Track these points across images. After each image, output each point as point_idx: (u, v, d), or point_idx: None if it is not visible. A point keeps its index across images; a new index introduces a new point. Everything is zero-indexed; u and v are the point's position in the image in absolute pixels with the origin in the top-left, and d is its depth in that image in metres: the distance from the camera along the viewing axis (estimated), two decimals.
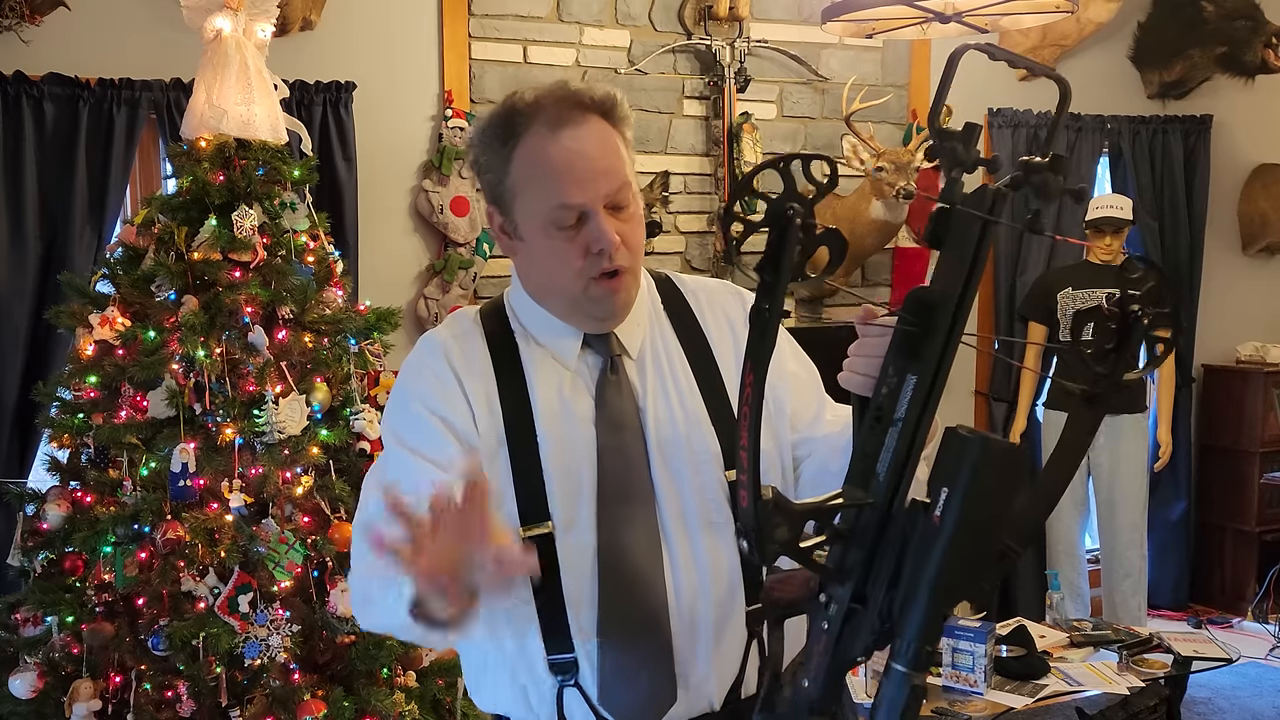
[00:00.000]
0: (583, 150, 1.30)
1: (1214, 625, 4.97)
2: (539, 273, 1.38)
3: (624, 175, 1.33)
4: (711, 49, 4.23)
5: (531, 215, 1.33)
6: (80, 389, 2.86)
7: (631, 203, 1.34)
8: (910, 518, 0.93)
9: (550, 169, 1.30)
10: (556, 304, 1.38)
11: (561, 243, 1.31)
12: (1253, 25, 4.87)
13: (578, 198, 1.29)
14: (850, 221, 4.26)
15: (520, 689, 1.34)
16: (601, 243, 1.30)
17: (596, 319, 1.37)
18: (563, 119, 1.31)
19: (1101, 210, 4.47)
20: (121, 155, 3.46)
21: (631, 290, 1.37)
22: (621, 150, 1.35)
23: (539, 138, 1.31)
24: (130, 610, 2.76)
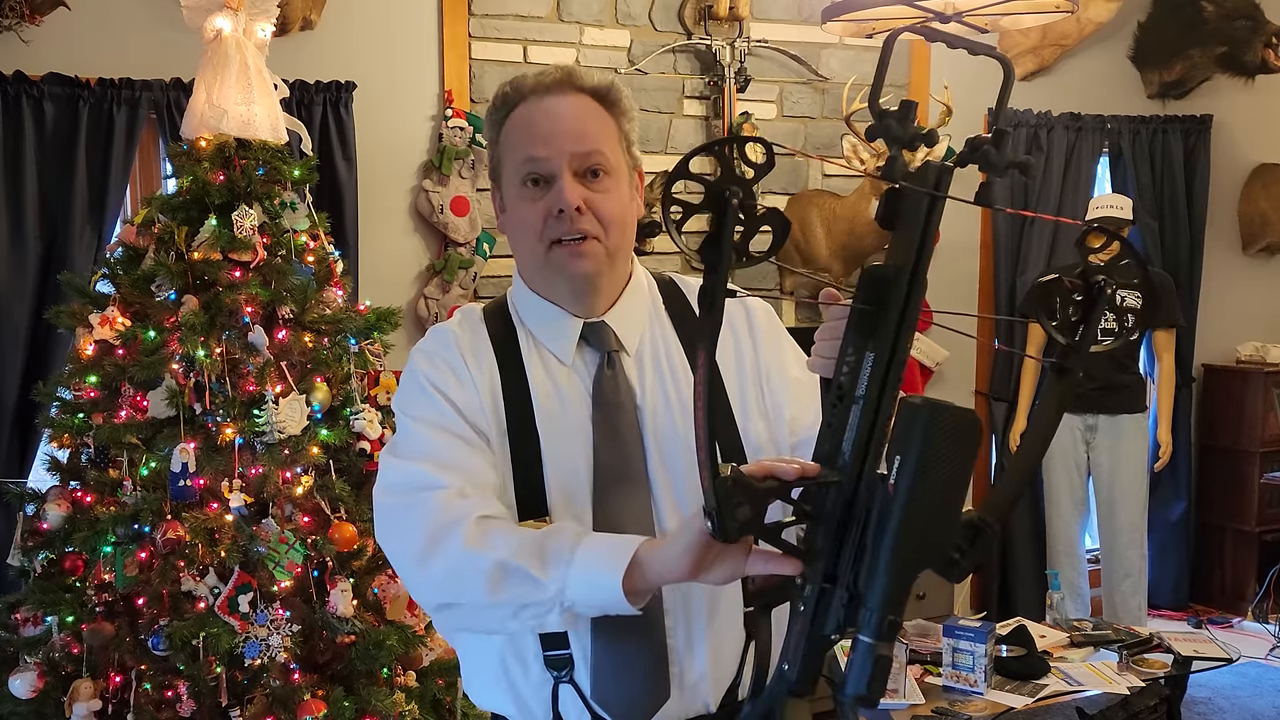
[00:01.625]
0: (558, 112, 1.34)
1: (1214, 625, 4.98)
2: (515, 241, 1.40)
3: (597, 143, 1.34)
4: (711, 49, 4.23)
5: (509, 179, 1.37)
6: (80, 389, 2.86)
7: (609, 175, 1.35)
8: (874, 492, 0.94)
9: (526, 128, 1.35)
10: (532, 275, 1.40)
11: (528, 203, 1.34)
12: (1253, 25, 4.87)
13: (542, 151, 1.32)
14: (850, 221, 4.27)
15: (515, 686, 1.35)
16: (559, 202, 1.31)
17: (567, 289, 1.37)
18: (551, 90, 1.36)
19: (1101, 210, 4.47)
20: (121, 155, 3.46)
21: (601, 262, 1.36)
22: (605, 124, 1.37)
23: (526, 106, 1.36)
24: (130, 610, 2.76)
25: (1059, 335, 1.04)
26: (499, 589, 1.20)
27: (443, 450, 1.32)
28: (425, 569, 1.26)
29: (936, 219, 0.97)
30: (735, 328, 1.44)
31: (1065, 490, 4.58)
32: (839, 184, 4.54)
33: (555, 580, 1.17)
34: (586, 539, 1.20)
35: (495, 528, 1.24)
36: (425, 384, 1.37)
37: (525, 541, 1.21)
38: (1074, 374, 1.04)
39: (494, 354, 1.39)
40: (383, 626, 2.82)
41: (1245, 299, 5.41)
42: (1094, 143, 5.02)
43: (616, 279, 1.41)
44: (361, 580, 2.87)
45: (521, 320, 1.42)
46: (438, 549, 1.24)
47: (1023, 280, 4.87)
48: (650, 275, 1.49)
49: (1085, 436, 4.55)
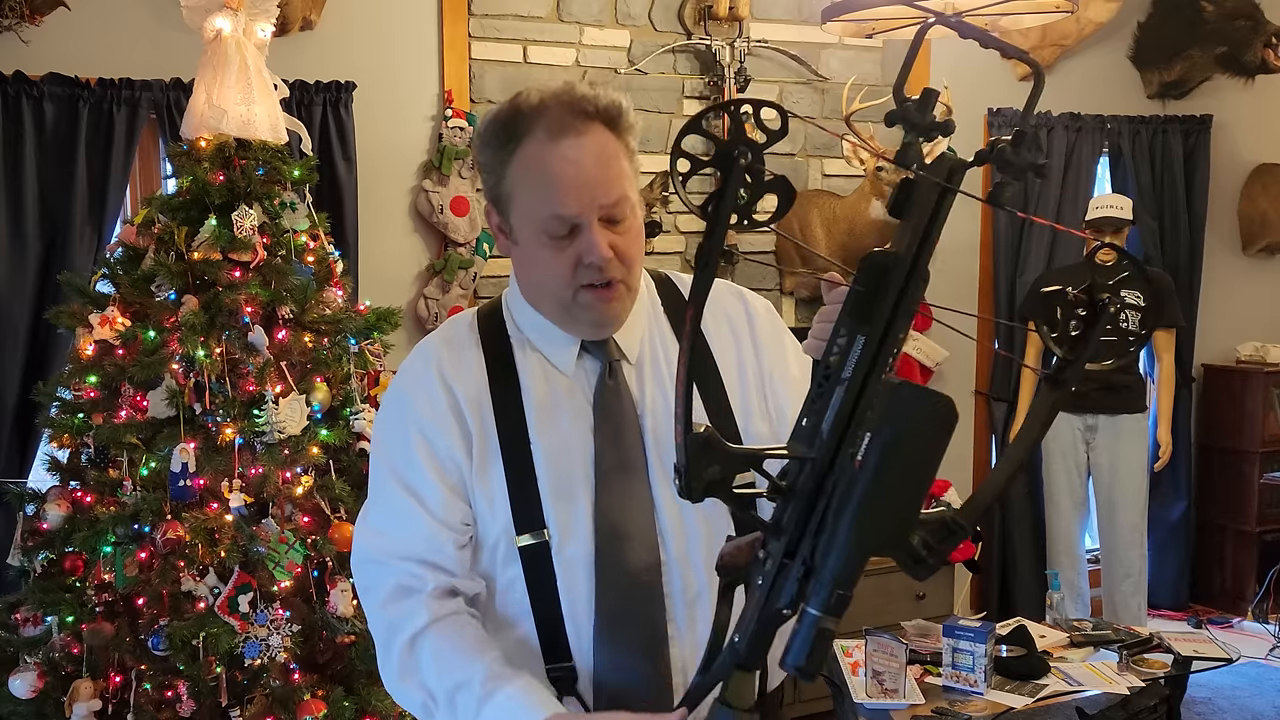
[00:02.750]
0: (580, 161, 1.28)
1: (1214, 625, 4.98)
2: (531, 277, 1.37)
3: (622, 189, 1.31)
4: (711, 49, 4.23)
5: (526, 220, 1.32)
6: (80, 389, 2.86)
7: (629, 216, 1.32)
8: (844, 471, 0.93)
9: (546, 178, 1.28)
10: (549, 309, 1.37)
11: (553, 252, 1.30)
12: (1253, 25, 4.87)
13: (572, 209, 1.28)
14: (850, 221, 4.27)
15: None
16: (592, 256, 1.28)
17: (589, 326, 1.35)
18: (564, 127, 1.29)
19: (1101, 210, 4.47)
20: (121, 155, 3.46)
21: (625, 301, 1.35)
22: (622, 162, 1.33)
23: (538, 144, 1.29)
24: (130, 610, 2.76)
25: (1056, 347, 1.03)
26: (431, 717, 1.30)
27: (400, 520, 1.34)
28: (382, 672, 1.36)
29: (944, 212, 0.97)
30: (737, 330, 1.43)
31: (1065, 490, 4.58)
32: (839, 184, 4.54)
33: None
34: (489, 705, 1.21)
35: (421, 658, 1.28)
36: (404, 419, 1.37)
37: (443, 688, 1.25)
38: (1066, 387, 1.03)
39: (485, 365, 1.37)
40: None
41: (1245, 299, 5.41)
42: (1094, 143, 5.02)
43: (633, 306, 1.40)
44: None
45: (519, 329, 1.40)
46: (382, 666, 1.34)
47: (1022, 280, 4.87)
48: (647, 274, 1.47)
49: (1085, 436, 4.55)
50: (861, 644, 2.96)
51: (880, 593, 4.01)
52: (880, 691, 2.86)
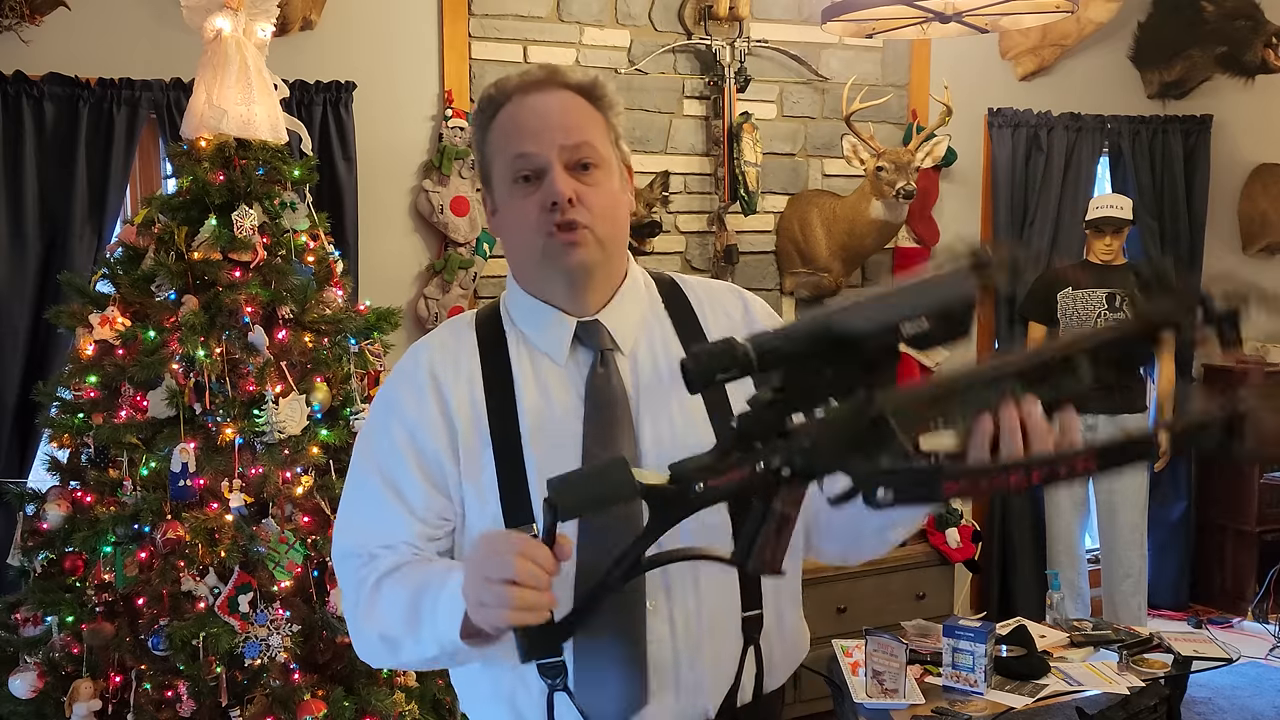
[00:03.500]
0: (544, 108, 1.35)
1: (1214, 625, 4.98)
2: (509, 240, 1.40)
3: (585, 134, 1.35)
4: (711, 49, 4.23)
5: (500, 178, 1.37)
6: (80, 389, 2.86)
7: (599, 167, 1.35)
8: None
9: (514, 126, 1.36)
10: (529, 274, 1.40)
11: (520, 199, 1.34)
12: (1253, 25, 4.87)
13: (532, 147, 1.33)
14: (850, 221, 4.26)
15: (509, 695, 1.34)
16: (552, 194, 1.31)
17: (562, 279, 1.36)
18: (535, 88, 1.37)
19: (1101, 210, 4.47)
20: (121, 155, 3.46)
21: (594, 251, 1.35)
22: (593, 118, 1.37)
23: (512, 105, 1.37)
24: (130, 610, 2.76)
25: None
26: (397, 654, 1.33)
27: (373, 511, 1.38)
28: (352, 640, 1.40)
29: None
30: (734, 323, 1.44)
31: (1065, 490, 4.58)
32: (839, 184, 4.54)
33: (433, 644, 1.26)
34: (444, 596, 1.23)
35: (380, 594, 1.31)
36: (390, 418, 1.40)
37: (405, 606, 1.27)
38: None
39: (480, 363, 1.38)
40: None
41: None
42: (1094, 143, 5.02)
43: (611, 274, 1.40)
44: None
45: (514, 323, 1.41)
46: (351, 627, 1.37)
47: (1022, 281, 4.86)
48: (648, 274, 1.47)
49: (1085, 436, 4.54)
50: (861, 644, 2.96)
51: (880, 593, 4.01)
52: (880, 691, 2.86)
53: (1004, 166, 4.85)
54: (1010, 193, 4.87)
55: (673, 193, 4.17)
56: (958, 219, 4.88)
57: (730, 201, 4.18)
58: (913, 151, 4.11)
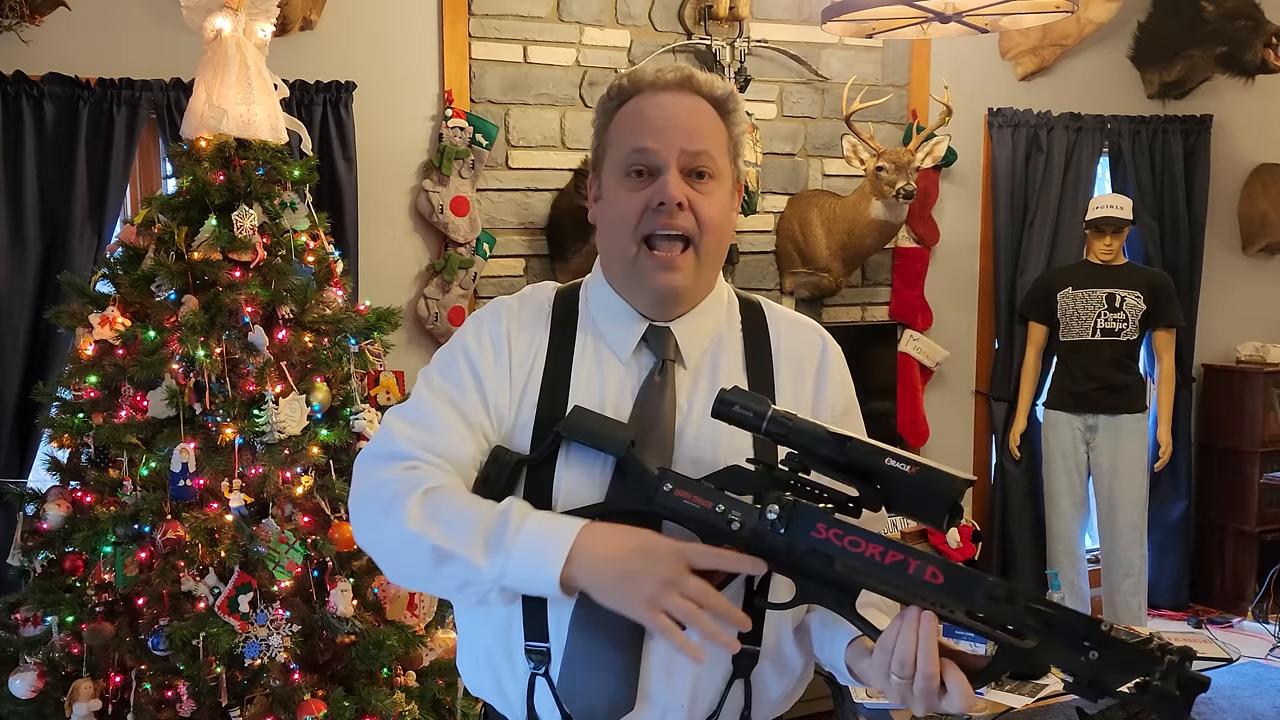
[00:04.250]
0: (672, 108, 1.35)
1: (1214, 625, 4.98)
2: (605, 231, 1.39)
3: (707, 144, 1.34)
4: (711, 49, 4.23)
5: (612, 167, 1.37)
6: (80, 389, 2.86)
7: (715, 178, 1.35)
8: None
9: (638, 119, 1.35)
10: (615, 272, 1.39)
11: (627, 192, 1.34)
12: (1253, 25, 4.87)
13: (652, 143, 1.33)
14: (850, 221, 4.26)
15: (497, 672, 1.34)
16: (662, 195, 1.31)
17: (650, 295, 1.36)
18: (669, 87, 1.36)
19: (1101, 210, 4.48)
20: (121, 155, 3.46)
21: (689, 274, 1.35)
22: (718, 129, 1.37)
23: (641, 98, 1.37)
24: (130, 610, 2.76)
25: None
26: (439, 570, 1.24)
27: (433, 421, 1.34)
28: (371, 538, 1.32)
29: None
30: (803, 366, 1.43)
31: (1065, 490, 4.58)
32: (839, 184, 4.54)
33: (494, 568, 1.21)
34: (526, 524, 1.21)
35: (439, 504, 1.25)
36: (459, 350, 1.39)
37: (466, 524, 1.23)
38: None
39: (548, 336, 1.39)
40: (383, 626, 2.82)
41: (1245, 299, 5.41)
42: (1094, 143, 5.02)
43: (700, 290, 1.40)
44: (361, 580, 2.87)
45: (589, 310, 1.41)
46: (382, 522, 1.28)
47: (1023, 280, 4.87)
48: (734, 292, 1.47)
49: (1085, 436, 4.55)
50: None
51: None
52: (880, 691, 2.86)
53: (1004, 166, 4.85)
54: (1010, 193, 4.87)
55: None
56: (958, 219, 4.88)
57: None
58: (913, 151, 4.11)
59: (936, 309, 4.77)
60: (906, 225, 4.57)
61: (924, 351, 4.74)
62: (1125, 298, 4.45)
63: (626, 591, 1.17)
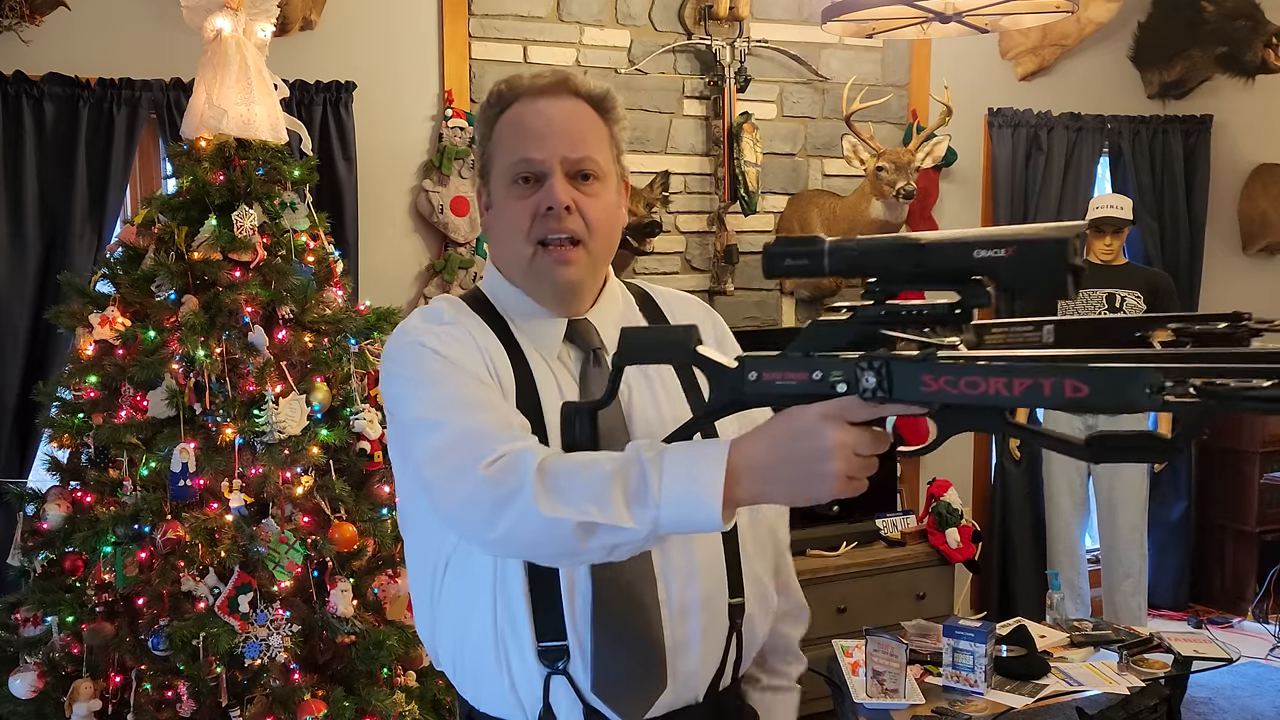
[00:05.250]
0: (552, 115, 1.36)
1: (1214, 625, 4.98)
2: (499, 239, 1.41)
3: (589, 147, 1.36)
4: (711, 49, 4.23)
5: (499, 176, 1.38)
6: (80, 389, 2.86)
7: (598, 181, 1.37)
8: None
9: (519, 128, 1.37)
10: (515, 275, 1.40)
11: (516, 201, 1.35)
12: (1253, 25, 4.87)
13: (536, 153, 1.34)
14: (850, 221, 4.26)
15: (506, 677, 1.33)
16: (550, 200, 1.33)
17: (551, 292, 1.38)
18: (546, 92, 1.37)
19: (1101, 210, 4.47)
20: (121, 155, 3.46)
21: (584, 268, 1.37)
22: (599, 130, 1.39)
23: (520, 105, 1.38)
24: (130, 610, 2.76)
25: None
26: (587, 544, 1.15)
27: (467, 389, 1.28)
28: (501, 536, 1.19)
29: None
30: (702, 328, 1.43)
31: (1065, 490, 4.58)
32: (839, 184, 4.54)
33: (645, 523, 1.12)
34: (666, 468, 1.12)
35: (559, 478, 1.16)
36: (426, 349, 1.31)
37: (599, 489, 1.13)
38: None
39: (495, 334, 1.38)
40: (383, 626, 2.83)
41: (1245, 299, 5.40)
42: (1094, 143, 5.02)
43: (596, 284, 1.43)
44: (361, 580, 2.87)
45: (505, 312, 1.41)
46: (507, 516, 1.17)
47: None
48: (623, 283, 1.51)
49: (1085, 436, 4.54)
50: (861, 644, 2.96)
51: (880, 593, 4.01)
52: (880, 691, 2.86)
53: (1004, 166, 4.85)
54: (1010, 193, 4.87)
55: (673, 193, 4.17)
56: (958, 219, 4.88)
57: (730, 201, 4.18)
58: (913, 151, 4.11)
59: None
60: (906, 225, 4.56)
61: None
62: (1125, 298, 4.44)
63: (805, 479, 1.08)
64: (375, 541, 2.89)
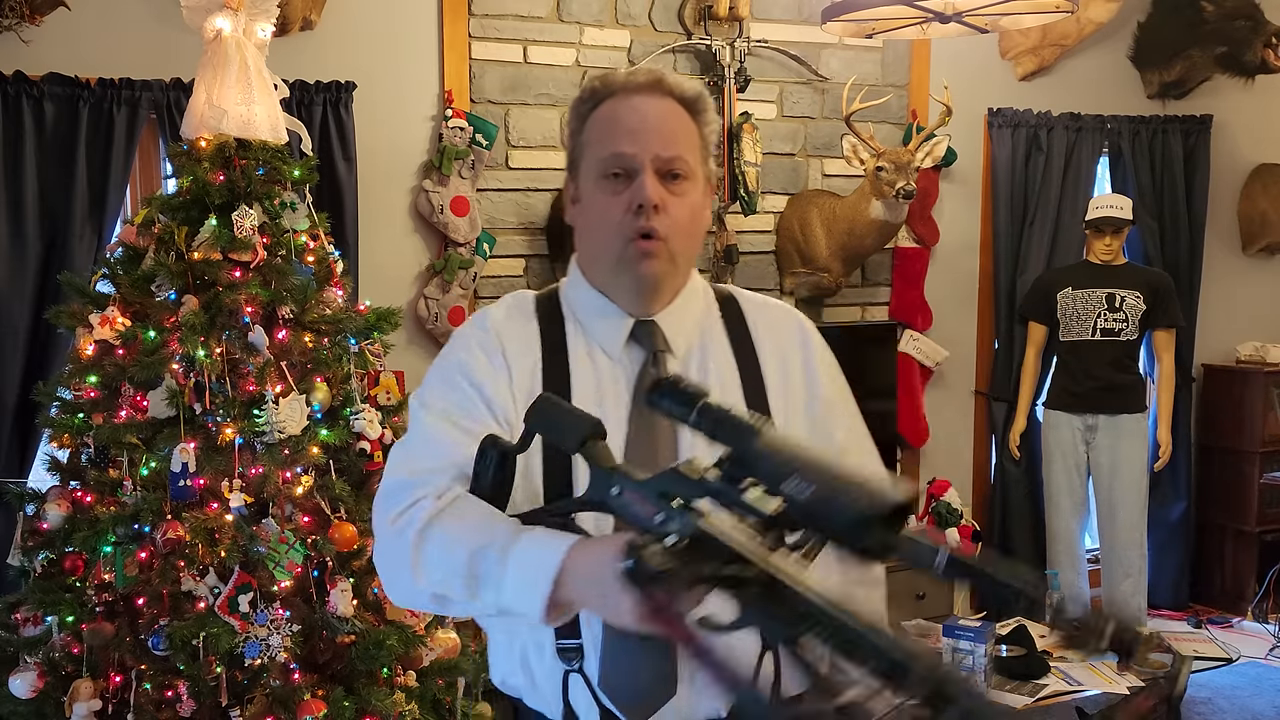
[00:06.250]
0: (645, 112, 1.38)
1: (1214, 625, 4.98)
2: (587, 233, 1.43)
3: (680, 148, 1.38)
4: (711, 49, 4.23)
5: (589, 170, 1.40)
6: (80, 389, 2.85)
7: (688, 180, 1.39)
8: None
9: (613, 123, 1.39)
10: (600, 270, 1.42)
11: (607, 195, 1.37)
12: (1253, 25, 4.87)
13: (628, 148, 1.36)
14: (850, 221, 4.27)
15: (529, 671, 1.37)
16: (640, 197, 1.34)
17: (632, 287, 1.39)
18: (641, 90, 1.40)
19: (1101, 210, 4.47)
20: (121, 155, 3.46)
21: (667, 266, 1.39)
22: (690, 131, 1.40)
23: (614, 100, 1.40)
24: (130, 610, 2.76)
25: None
26: (445, 608, 1.29)
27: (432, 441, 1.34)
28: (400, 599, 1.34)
29: None
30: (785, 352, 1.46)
31: (1065, 490, 4.58)
32: (839, 184, 4.54)
33: (491, 606, 1.22)
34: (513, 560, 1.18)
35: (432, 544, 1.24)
36: (448, 368, 1.40)
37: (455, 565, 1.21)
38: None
39: (540, 339, 1.41)
40: (383, 626, 2.82)
41: (1245, 299, 5.41)
42: (1094, 143, 5.02)
43: (677, 284, 1.44)
44: (361, 580, 2.87)
45: (573, 312, 1.44)
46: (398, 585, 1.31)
47: (1023, 280, 4.87)
48: (708, 286, 1.51)
49: (1085, 436, 4.55)
50: None
51: None
52: None
53: (1004, 166, 4.85)
54: (1010, 193, 4.87)
55: None
56: (958, 219, 4.88)
57: (730, 201, 4.18)
58: (913, 151, 4.11)
59: (936, 309, 4.77)
60: (906, 225, 4.57)
61: (924, 351, 4.74)
62: (1125, 298, 4.45)
63: (612, 607, 1.09)
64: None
